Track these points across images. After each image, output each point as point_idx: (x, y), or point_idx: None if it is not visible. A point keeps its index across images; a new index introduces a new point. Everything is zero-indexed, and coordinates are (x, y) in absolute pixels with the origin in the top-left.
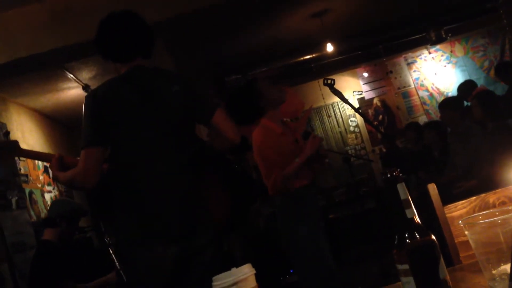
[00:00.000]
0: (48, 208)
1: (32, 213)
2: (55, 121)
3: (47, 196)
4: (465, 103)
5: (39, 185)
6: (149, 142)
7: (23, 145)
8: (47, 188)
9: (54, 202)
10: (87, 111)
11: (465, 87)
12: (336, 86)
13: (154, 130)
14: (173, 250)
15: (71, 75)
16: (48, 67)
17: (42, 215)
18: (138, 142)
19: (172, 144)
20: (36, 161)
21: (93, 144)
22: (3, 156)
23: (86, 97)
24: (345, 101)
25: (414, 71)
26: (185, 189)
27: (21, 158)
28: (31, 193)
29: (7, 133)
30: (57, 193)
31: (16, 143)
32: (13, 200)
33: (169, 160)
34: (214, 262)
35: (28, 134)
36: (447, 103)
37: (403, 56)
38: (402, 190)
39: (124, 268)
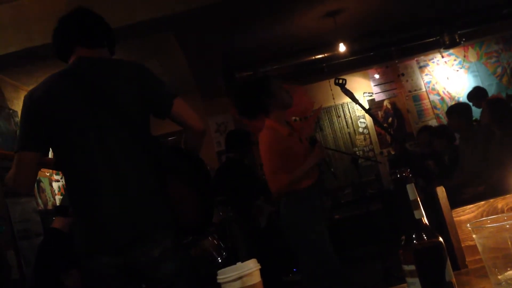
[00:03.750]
0: (62, 196)
1: (39, 201)
2: None
3: (55, 185)
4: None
5: (47, 174)
6: (92, 142)
7: None
8: (55, 177)
9: None
10: (22, 112)
11: (475, 95)
12: (347, 87)
13: (98, 127)
14: (119, 261)
15: None
16: None
17: (49, 204)
18: (81, 142)
19: (120, 146)
20: None
21: (26, 149)
22: None
23: (24, 97)
24: (356, 101)
25: (426, 74)
26: (133, 197)
27: None
28: (39, 181)
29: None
30: (64, 182)
31: None
32: None
33: (115, 164)
34: (176, 273)
35: None
36: (454, 109)
37: (415, 59)
38: (412, 191)
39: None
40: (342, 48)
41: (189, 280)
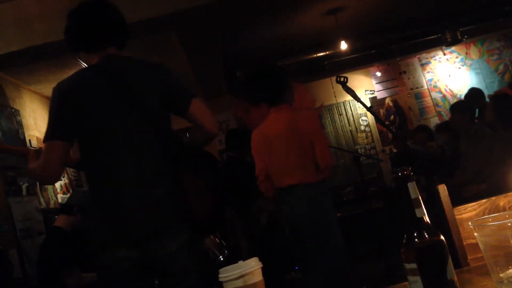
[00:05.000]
0: (69, 195)
1: (41, 200)
2: None
3: (57, 184)
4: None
5: None
6: (116, 139)
7: (35, 132)
8: None
9: (76, 191)
10: (52, 103)
11: (471, 97)
12: (349, 85)
13: (123, 122)
14: (136, 254)
15: (85, 65)
16: (62, 55)
17: (52, 202)
18: (106, 135)
19: (143, 141)
20: None
21: (55, 138)
22: None
23: (53, 88)
24: (357, 99)
25: (428, 72)
26: (153, 191)
27: (33, 145)
28: None
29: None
30: (67, 181)
31: None
32: (24, 186)
33: (138, 158)
34: (190, 268)
35: (40, 121)
36: (458, 106)
37: (417, 56)
38: (413, 189)
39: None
40: (343, 46)
41: (198, 276)
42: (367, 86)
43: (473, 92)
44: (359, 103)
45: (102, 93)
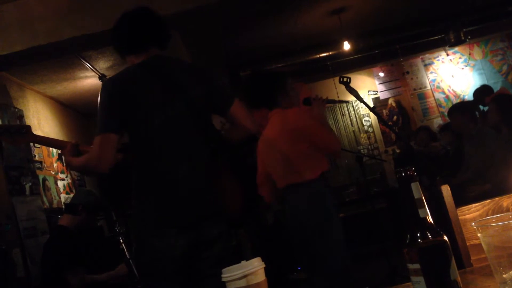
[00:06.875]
0: (73, 195)
1: (45, 199)
2: (71, 109)
3: (60, 184)
4: (481, 107)
5: (53, 172)
6: (167, 130)
7: (38, 132)
8: (61, 175)
9: (80, 190)
10: (104, 97)
11: (481, 92)
12: (352, 85)
13: (173, 118)
14: (184, 241)
15: (88, 64)
16: (66, 55)
17: (55, 202)
18: (157, 130)
19: (191, 133)
20: (50, 148)
21: (110, 130)
22: (16, 141)
23: (103, 83)
24: (360, 99)
25: (431, 72)
26: (201, 179)
27: (36, 145)
28: (44, 180)
29: (21, 117)
30: (70, 181)
31: (29, 128)
32: (27, 186)
33: (187, 149)
34: (225, 255)
35: (43, 121)
36: (456, 109)
37: (420, 57)
38: (416, 189)
39: (134, 256)
40: (346, 46)
41: (229, 262)
42: (370, 86)
43: (484, 88)
44: (362, 103)
45: (151, 86)
